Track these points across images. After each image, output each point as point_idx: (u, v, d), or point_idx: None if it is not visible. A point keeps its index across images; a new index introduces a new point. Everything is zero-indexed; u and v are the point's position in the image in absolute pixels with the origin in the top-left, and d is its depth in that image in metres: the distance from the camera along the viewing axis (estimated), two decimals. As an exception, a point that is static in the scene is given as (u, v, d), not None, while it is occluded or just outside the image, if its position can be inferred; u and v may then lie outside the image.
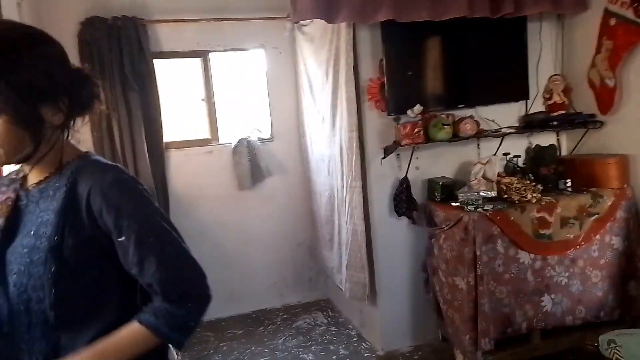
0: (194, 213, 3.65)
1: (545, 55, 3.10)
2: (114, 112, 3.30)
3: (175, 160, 3.60)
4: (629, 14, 2.61)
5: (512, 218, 2.55)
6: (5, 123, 0.90)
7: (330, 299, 3.93)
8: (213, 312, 3.66)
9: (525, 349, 2.69)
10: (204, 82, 3.68)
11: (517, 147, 3.09)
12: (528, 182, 2.71)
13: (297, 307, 3.85)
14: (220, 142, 3.71)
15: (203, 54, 3.65)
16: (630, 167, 2.75)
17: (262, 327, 3.55)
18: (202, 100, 3.70)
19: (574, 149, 3.11)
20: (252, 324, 3.63)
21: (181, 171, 3.61)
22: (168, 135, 3.55)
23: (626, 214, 2.69)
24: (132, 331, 0.94)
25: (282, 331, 3.46)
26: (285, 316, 3.71)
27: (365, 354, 3.04)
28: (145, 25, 3.40)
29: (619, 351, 1.91)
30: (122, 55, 3.29)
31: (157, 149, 3.47)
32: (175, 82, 3.68)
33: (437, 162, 3.02)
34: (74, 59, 3.34)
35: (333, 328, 3.45)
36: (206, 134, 3.72)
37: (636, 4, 2.59)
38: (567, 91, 3.08)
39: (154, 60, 3.43)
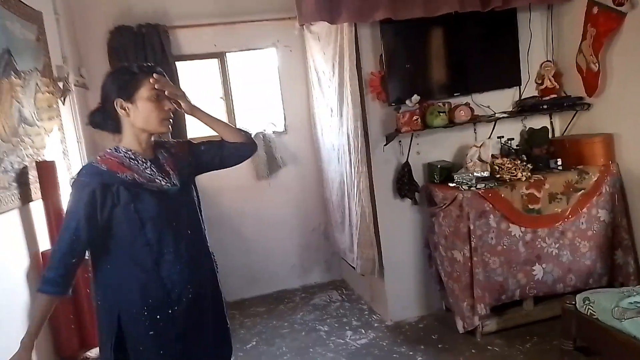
0: (217, 203, 3.97)
1: (536, 43, 3.30)
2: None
3: (199, 155, 3.92)
4: (609, 1, 2.80)
5: (502, 195, 2.79)
6: None
7: (345, 279, 4.22)
8: (237, 293, 4.08)
9: (519, 315, 2.94)
10: (221, 81, 4.00)
11: (513, 130, 3.31)
12: (519, 162, 2.94)
13: (314, 287, 4.16)
14: (238, 137, 4.01)
15: (220, 55, 3.96)
16: (615, 145, 2.95)
17: (282, 305, 3.87)
18: (221, 98, 4.02)
19: (565, 130, 3.31)
20: (273, 302, 3.95)
21: (204, 164, 3.92)
22: (191, 132, 3.87)
23: (612, 188, 2.89)
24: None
25: (300, 308, 3.77)
26: (303, 295, 4.02)
27: (375, 324, 3.32)
28: (167, 31, 3.72)
29: (592, 307, 2.14)
30: (147, 60, 3.61)
31: (182, 146, 3.80)
32: (195, 82, 4.00)
33: (436, 147, 3.26)
34: (105, 64, 3.66)
35: (347, 303, 3.74)
36: (225, 130, 4.02)
37: (615, -8, 2.78)
38: (557, 76, 3.28)
39: (176, 63, 3.76)
